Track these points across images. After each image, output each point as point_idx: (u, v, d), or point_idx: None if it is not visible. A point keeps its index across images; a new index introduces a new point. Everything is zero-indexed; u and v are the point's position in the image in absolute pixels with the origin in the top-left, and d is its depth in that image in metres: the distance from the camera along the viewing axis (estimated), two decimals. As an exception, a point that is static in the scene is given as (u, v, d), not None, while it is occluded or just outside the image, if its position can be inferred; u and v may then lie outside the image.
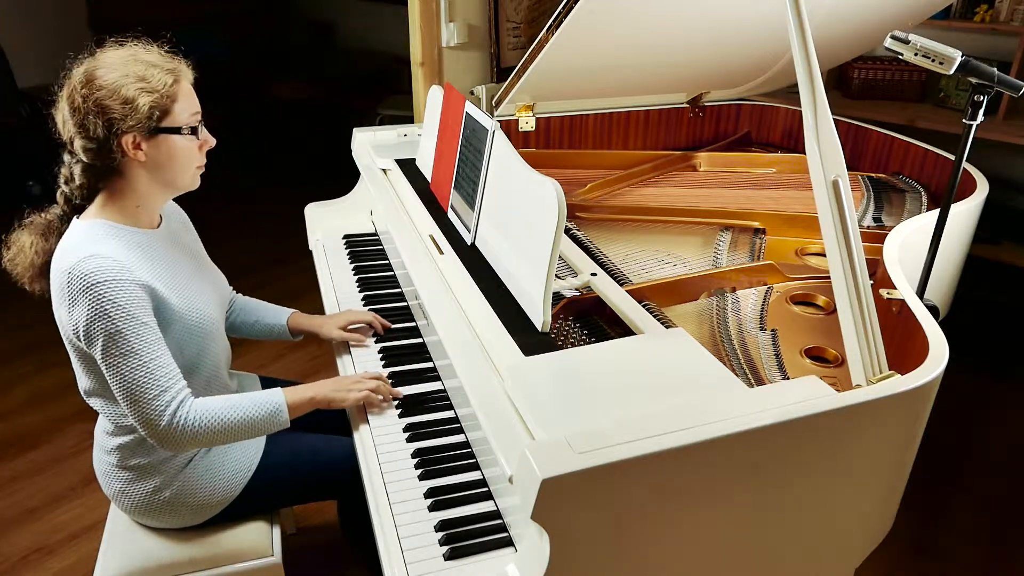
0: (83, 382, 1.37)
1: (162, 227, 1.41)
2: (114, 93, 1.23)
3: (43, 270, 1.34)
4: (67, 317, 1.24)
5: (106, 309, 1.21)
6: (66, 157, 1.32)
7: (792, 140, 2.65)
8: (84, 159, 1.27)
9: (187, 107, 1.30)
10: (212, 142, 1.37)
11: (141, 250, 1.31)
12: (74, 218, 1.33)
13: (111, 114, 1.23)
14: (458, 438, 1.37)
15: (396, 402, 1.47)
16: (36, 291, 1.37)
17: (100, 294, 1.20)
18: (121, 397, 1.26)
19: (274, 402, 1.36)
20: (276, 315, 1.70)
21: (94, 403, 1.39)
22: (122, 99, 1.23)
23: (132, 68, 1.25)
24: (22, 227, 1.36)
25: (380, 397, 1.44)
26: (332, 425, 1.63)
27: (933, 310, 1.40)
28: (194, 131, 1.31)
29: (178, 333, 1.34)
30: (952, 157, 2.08)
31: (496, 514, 1.19)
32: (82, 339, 1.24)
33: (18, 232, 1.36)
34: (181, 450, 1.33)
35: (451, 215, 1.75)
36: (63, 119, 1.28)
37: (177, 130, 1.29)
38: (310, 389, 1.41)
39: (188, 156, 1.32)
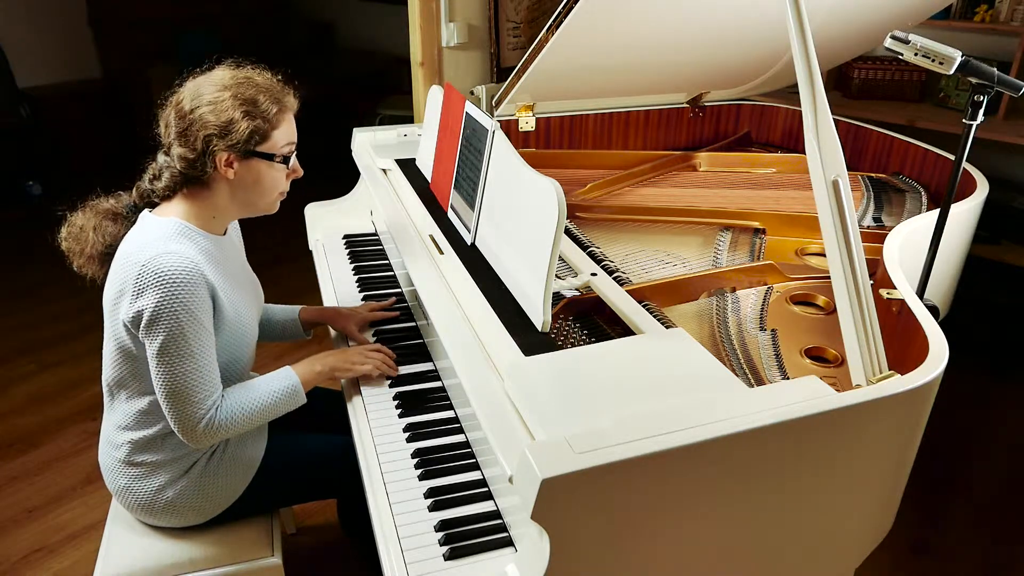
0: (110, 371, 1.38)
1: (227, 235, 1.44)
2: (219, 111, 1.26)
3: (104, 255, 1.37)
4: (128, 305, 1.25)
5: (175, 308, 1.23)
6: (161, 158, 1.35)
7: (792, 140, 2.65)
8: (177, 166, 1.30)
9: (285, 137, 1.34)
10: (300, 173, 1.41)
11: (208, 255, 1.34)
12: (145, 211, 1.36)
13: (211, 130, 1.26)
14: (458, 438, 1.37)
15: (395, 399, 1.47)
16: (87, 274, 1.40)
17: (173, 293, 1.23)
18: (166, 396, 1.28)
19: (290, 384, 1.41)
20: (286, 312, 1.71)
21: (116, 394, 1.40)
22: (227, 118, 1.26)
23: (242, 90, 1.28)
24: (85, 207, 1.39)
25: (381, 371, 1.50)
26: (332, 425, 1.63)
27: (933, 310, 1.40)
28: (286, 160, 1.35)
29: (222, 338, 1.36)
30: (952, 157, 2.08)
31: (496, 514, 1.19)
32: (141, 329, 1.25)
33: (80, 212, 1.39)
34: (207, 446, 1.38)
35: (451, 215, 1.75)
36: (166, 124, 1.31)
37: (270, 157, 1.32)
38: (317, 362, 1.46)
39: (273, 182, 1.36)
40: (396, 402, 1.47)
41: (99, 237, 1.36)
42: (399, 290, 1.90)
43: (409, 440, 1.36)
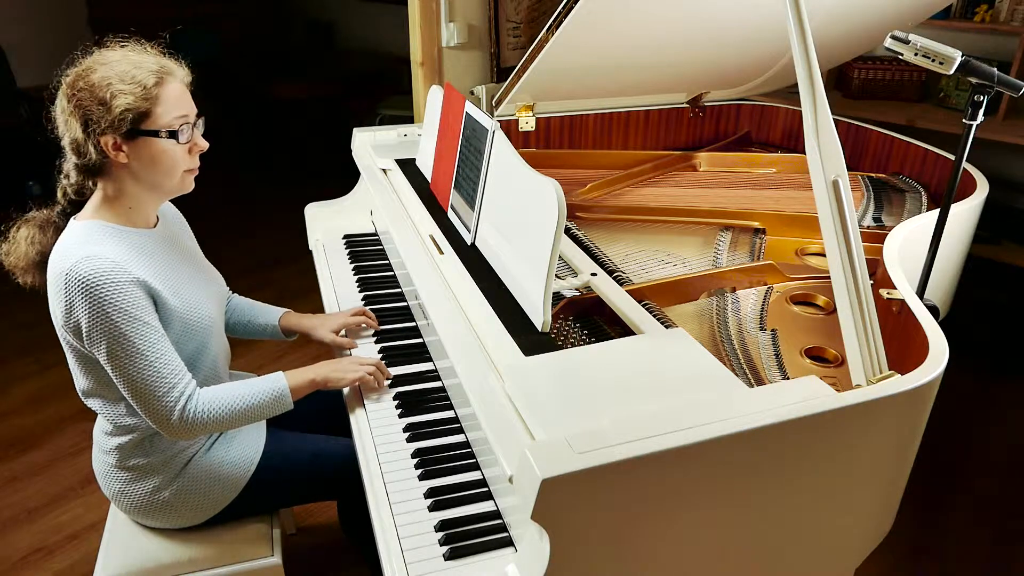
0: (80, 382, 1.37)
1: (159, 227, 1.41)
2: (92, 94, 1.22)
3: (39, 264, 1.34)
4: (65, 318, 1.24)
5: (107, 312, 1.21)
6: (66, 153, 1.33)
7: (792, 140, 2.65)
8: (73, 158, 1.28)
9: (171, 110, 1.27)
10: (204, 146, 1.35)
11: (138, 250, 1.31)
12: (71, 219, 1.33)
13: (88, 115, 1.22)
14: (458, 438, 1.37)
15: (395, 399, 1.47)
16: (28, 284, 1.36)
17: (100, 297, 1.20)
18: (130, 396, 1.27)
19: (278, 388, 1.39)
20: (269, 314, 1.70)
21: (92, 403, 1.39)
22: (98, 100, 1.21)
23: (116, 69, 1.23)
24: (24, 221, 1.36)
25: (374, 380, 1.48)
26: (332, 425, 1.63)
27: (933, 310, 1.40)
28: (174, 134, 1.28)
29: (176, 331, 1.34)
30: (952, 157, 2.08)
31: (496, 514, 1.19)
32: (84, 341, 1.24)
33: (19, 225, 1.36)
34: (191, 439, 1.38)
35: (451, 215, 1.75)
36: (54, 118, 1.28)
37: (155, 133, 1.26)
38: (310, 371, 1.44)
39: (172, 159, 1.29)
40: (396, 402, 1.47)
41: (31, 247, 1.33)
42: (399, 290, 1.90)
43: (409, 440, 1.36)
